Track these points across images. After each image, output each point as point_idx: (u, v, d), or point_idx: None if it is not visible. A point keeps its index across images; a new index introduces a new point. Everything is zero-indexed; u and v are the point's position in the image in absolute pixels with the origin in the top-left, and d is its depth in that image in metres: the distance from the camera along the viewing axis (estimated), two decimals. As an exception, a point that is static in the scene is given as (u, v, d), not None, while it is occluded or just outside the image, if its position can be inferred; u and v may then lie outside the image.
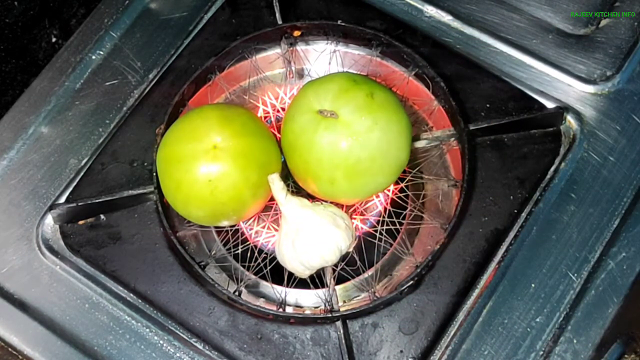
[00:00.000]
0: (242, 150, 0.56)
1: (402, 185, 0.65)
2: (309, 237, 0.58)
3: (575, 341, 0.60)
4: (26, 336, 0.61)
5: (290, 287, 0.62)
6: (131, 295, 0.62)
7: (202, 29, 0.71)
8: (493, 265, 0.62)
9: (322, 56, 0.69)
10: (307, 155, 0.57)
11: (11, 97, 0.70)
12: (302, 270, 0.59)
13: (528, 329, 0.61)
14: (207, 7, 0.73)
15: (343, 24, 0.67)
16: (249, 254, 0.63)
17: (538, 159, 0.65)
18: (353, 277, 0.63)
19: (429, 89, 0.66)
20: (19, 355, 0.61)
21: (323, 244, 0.57)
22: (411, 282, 0.59)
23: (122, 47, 0.71)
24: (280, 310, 0.60)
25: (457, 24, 0.71)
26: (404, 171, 0.63)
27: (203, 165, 0.55)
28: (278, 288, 0.62)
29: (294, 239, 0.58)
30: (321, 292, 0.62)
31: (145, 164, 0.65)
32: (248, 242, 0.65)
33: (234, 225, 0.64)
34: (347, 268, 0.62)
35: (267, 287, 0.63)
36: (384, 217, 0.64)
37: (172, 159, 0.57)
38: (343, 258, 0.62)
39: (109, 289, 0.62)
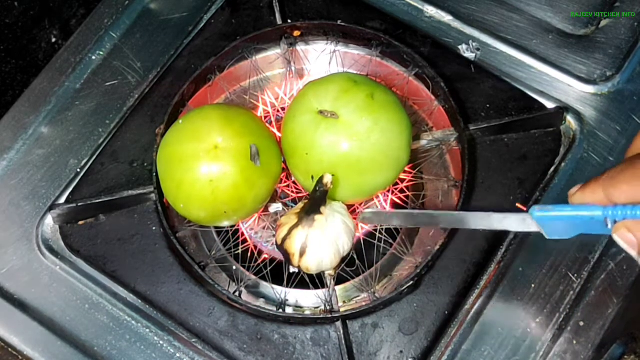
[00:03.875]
0: (243, 150, 0.56)
1: (402, 185, 0.65)
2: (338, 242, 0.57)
3: (575, 342, 0.60)
4: (26, 336, 0.61)
5: (290, 288, 0.62)
6: (131, 295, 0.62)
7: (202, 29, 0.71)
8: (493, 266, 0.62)
9: (322, 56, 0.69)
10: (308, 156, 0.57)
11: (11, 97, 0.70)
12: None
13: (528, 329, 0.61)
14: (207, 8, 0.73)
15: (343, 24, 0.67)
16: (249, 255, 0.63)
17: (538, 159, 0.65)
18: (353, 278, 0.63)
19: (429, 89, 0.66)
20: (19, 356, 0.61)
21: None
22: (411, 283, 0.59)
23: (122, 47, 0.71)
24: (280, 310, 0.60)
25: (457, 24, 0.71)
26: (404, 171, 0.63)
27: (204, 165, 0.55)
28: (278, 288, 0.62)
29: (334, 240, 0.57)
30: (321, 293, 0.62)
31: (145, 164, 0.65)
32: (248, 243, 0.65)
33: (234, 226, 0.64)
34: (347, 268, 0.62)
35: (267, 287, 0.63)
36: (384, 217, 0.64)
37: (173, 158, 0.57)
38: (343, 259, 0.62)
39: (109, 289, 0.62)
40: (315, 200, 0.56)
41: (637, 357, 0.68)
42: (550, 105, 0.68)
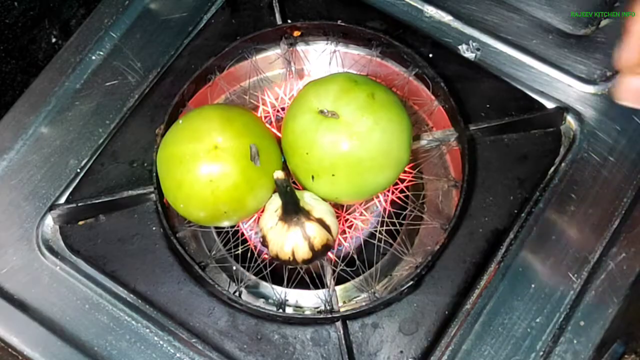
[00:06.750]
0: (243, 150, 0.56)
1: (402, 185, 0.65)
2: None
3: (575, 341, 0.60)
4: (26, 336, 0.61)
5: (290, 288, 0.62)
6: (131, 295, 0.62)
7: (202, 29, 0.71)
8: (493, 265, 0.62)
9: (322, 56, 0.69)
10: (308, 155, 0.57)
11: (11, 97, 0.70)
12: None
13: (528, 329, 0.61)
14: (207, 8, 0.73)
15: (343, 24, 0.67)
16: (249, 255, 0.63)
17: (538, 159, 0.65)
18: (353, 278, 0.63)
19: (429, 89, 0.66)
20: (19, 356, 0.61)
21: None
22: (411, 283, 0.59)
23: (122, 47, 0.71)
24: (280, 310, 0.60)
25: (457, 24, 0.71)
26: (404, 171, 0.63)
27: (204, 165, 0.55)
28: (278, 289, 0.62)
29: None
30: (321, 293, 0.62)
31: (145, 164, 0.65)
32: (248, 243, 0.65)
33: (234, 226, 0.64)
34: (346, 268, 0.62)
35: (267, 287, 0.63)
36: (384, 217, 0.64)
37: (173, 159, 0.57)
38: (343, 258, 0.62)
39: (109, 289, 0.62)
40: (288, 200, 0.56)
41: (637, 357, 0.68)
42: (550, 105, 0.68)
